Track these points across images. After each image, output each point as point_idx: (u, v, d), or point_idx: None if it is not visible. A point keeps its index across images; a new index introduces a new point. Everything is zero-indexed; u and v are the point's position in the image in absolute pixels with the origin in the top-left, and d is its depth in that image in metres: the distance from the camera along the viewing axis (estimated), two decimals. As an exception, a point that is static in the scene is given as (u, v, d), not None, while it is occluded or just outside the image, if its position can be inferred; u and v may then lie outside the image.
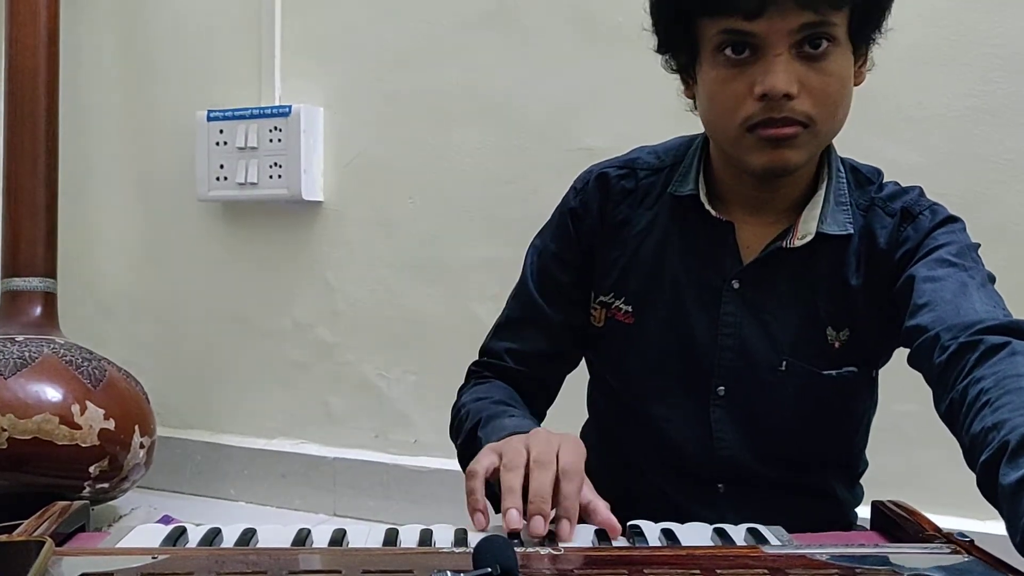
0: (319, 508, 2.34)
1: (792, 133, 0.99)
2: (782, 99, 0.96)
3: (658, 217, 1.14)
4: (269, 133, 2.35)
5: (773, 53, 0.96)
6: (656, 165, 1.16)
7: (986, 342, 0.87)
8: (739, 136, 1.01)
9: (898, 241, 1.06)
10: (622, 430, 1.19)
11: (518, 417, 1.06)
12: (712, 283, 1.10)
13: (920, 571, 0.74)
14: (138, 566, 0.75)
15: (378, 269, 2.34)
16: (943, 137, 1.80)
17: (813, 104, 0.98)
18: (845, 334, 1.09)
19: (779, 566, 0.75)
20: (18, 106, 2.28)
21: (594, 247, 1.17)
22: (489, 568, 0.69)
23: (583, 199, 1.17)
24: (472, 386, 1.19)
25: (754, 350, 1.09)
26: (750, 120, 0.99)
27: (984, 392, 0.82)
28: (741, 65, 0.98)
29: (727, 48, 0.98)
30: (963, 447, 0.84)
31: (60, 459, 1.98)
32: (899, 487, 1.22)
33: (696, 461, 1.12)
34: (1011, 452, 0.74)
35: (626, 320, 1.14)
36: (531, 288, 1.20)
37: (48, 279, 2.28)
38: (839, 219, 1.07)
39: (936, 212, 1.07)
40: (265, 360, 2.48)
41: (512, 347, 1.20)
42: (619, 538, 0.87)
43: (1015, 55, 1.75)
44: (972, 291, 0.97)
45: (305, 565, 0.78)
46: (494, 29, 2.17)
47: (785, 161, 1.00)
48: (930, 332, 0.94)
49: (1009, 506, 0.72)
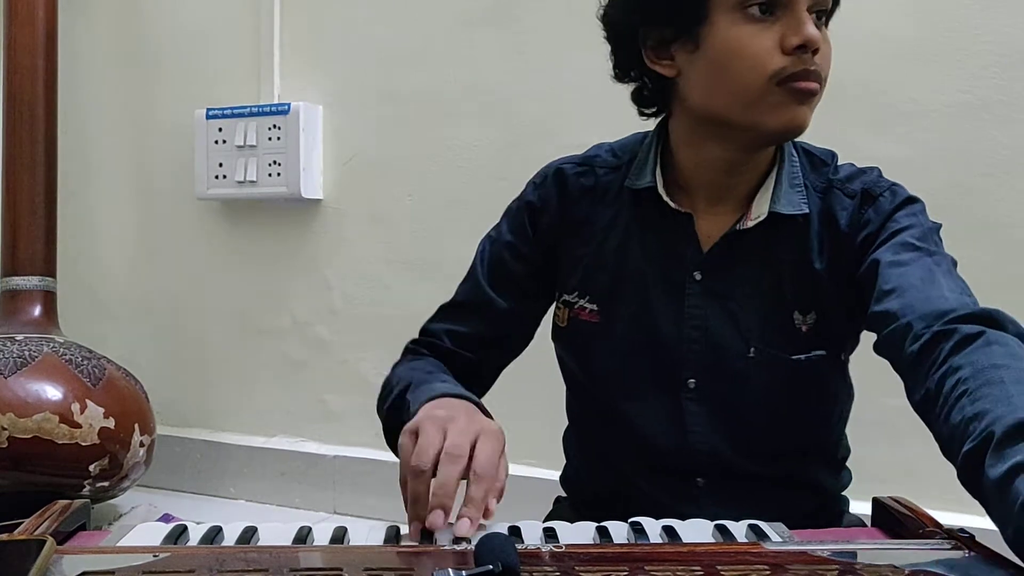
0: (319, 506, 2.34)
1: (816, 88, 1.01)
2: (811, 53, 0.99)
3: (619, 214, 1.14)
4: (268, 131, 2.35)
5: (801, 8, 0.99)
6: (614, 163, 1.16)
7: (960, 331, 0.86)
8: (764, 92, 1.00)
9: (859, 223, 1.06)
10: (599, 431, 1.19)
11: (450, 383, 1.04)
12: (675, 276, 1.10)
13: (921, 567, 0.74)
14: (139, 564, 0.75)
15: (377, 267, 2.34)
16: (934, 132, 1.81)
17: (824, 65, 1.02)
18: (812, 317, 1.08)
19: (780, 562, 0.75)
20: (17, 105, 2.28)
21: (555, 245, 1.16)
22: (491, 565, 0.69)
23: (541, 194, 1.17)
24: (407, 361, 1.18)
25: (721, 340, 1.09)
26: (782, 73, 0.99)
27: (962, 382, 0.82)
28: (763, 21, 1.00)
29: (751, 7, 0.99)
30: (940, 437, 0.84)
31: (60, 458, 1.98)
32: (895, 481, 1.22)
33: (672, 456, 1.12)
34: (996, 444, 0.73)
35: (591, 319, 1.14)
36: (479, 274, 1.20)
37: (47, 278, 2.28)
38: (793, 200, 1.07)
39: (896, 193, 1.07)
40: (264, 358, 2.48)
41: (452, 328, 1.19)
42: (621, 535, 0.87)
43: (1006, 50, 1.76)
44: (939, 277, 0.96)
45: (306, 563, 0.78)
46: (492, 27, 2.17)
47: (803, 120, 1.02)
48: (901, 320, 0.93)
49: (997, 500, 0.71)
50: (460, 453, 0.87)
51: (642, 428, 1.12)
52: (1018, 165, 1.77)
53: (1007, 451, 0.72)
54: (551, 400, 1.26)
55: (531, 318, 1.22)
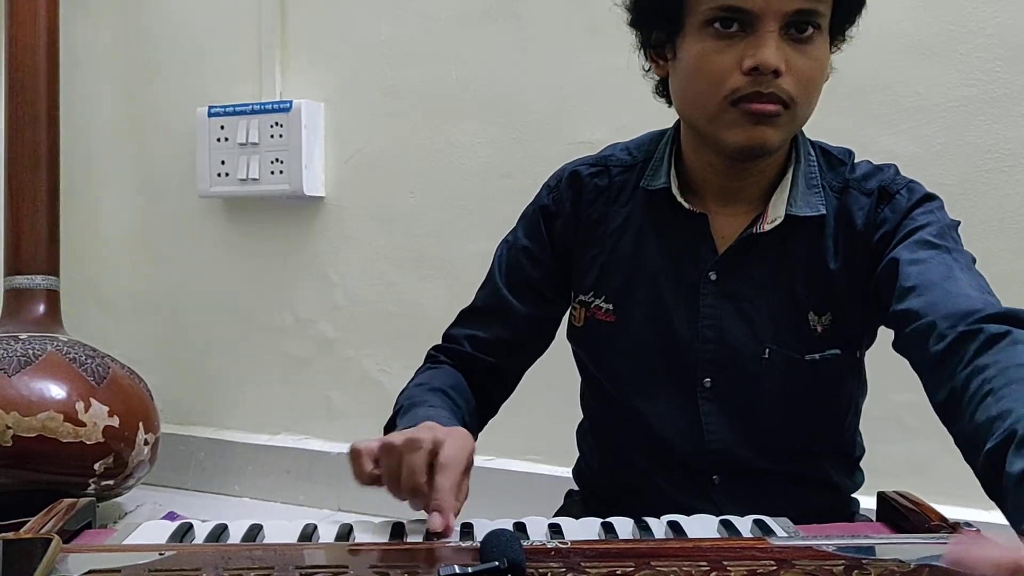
0: (323, 503, 2.34)
1: (774, 111, 0.99)
2: (770, 75, 0.97)
3: (633, 213, 1.14)
4: (270, 129, 2.34)
5: (765, 29, 0.97)
6: (629, 162, 1.16)
7: (987, 331, 0.86)
8: (720, 111, 1.01)
9: (876, 222, 1.05)
10: (614, 428, 1.19)
11: (437, 408, 1.05)
12: (690, 276, 1.10)
13: (927, 561, 0.74)
14: (146, 562, 0.75)
15: (379, 264, 2.34)
16: (941, 127, 1.80)
17: (795, 85, 0.99)
18: (827, 318, 1.08)
19: (785, 557, 0.75)
20: (19, 105, 2.28)
21: (571, 247, 1.17)
22: (496, 562, 0.69)
23: (556, 197, 1.18)
24: (423, 371, 1.18)
25: (736, 340, 1.09)
26: (736, 93, 0.99)
27: (987, 382, 0.82)
28: (729, 39, 0.99)
29: (716, 22, 0.99)
30: (962, 435, 0.84)
31: (65, 456, 1.99)
32: (903, 477, 1.22)
33: (688, 454, 1.12)
34: (1019, 441, 0.73)
35: (607, 319, 1.14)
36: (498, 280, 1.20)
37: (51, 277, 2.28)
38: (811, 201, 1.07)
39: (913, 191, 1.06)
40: (267, 356, 2.48)
41: (473, 334, 1.20)
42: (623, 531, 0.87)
43: (1013, 45, 1.75)
44: (959, 274, 0.96)
45: (312, 561, 0.78)
46: (493, 24, 2.17)
47: (763, 140, 1.01)
48: (924, 319, 0.92)
49: (1015, 493, 0.71)
50: (420, 442, 0.90)
51: (658, 427, 1.13)
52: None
53: None
54: (559, 398, 1.26)
55: (550, 321, 1.22)
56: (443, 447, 0.90)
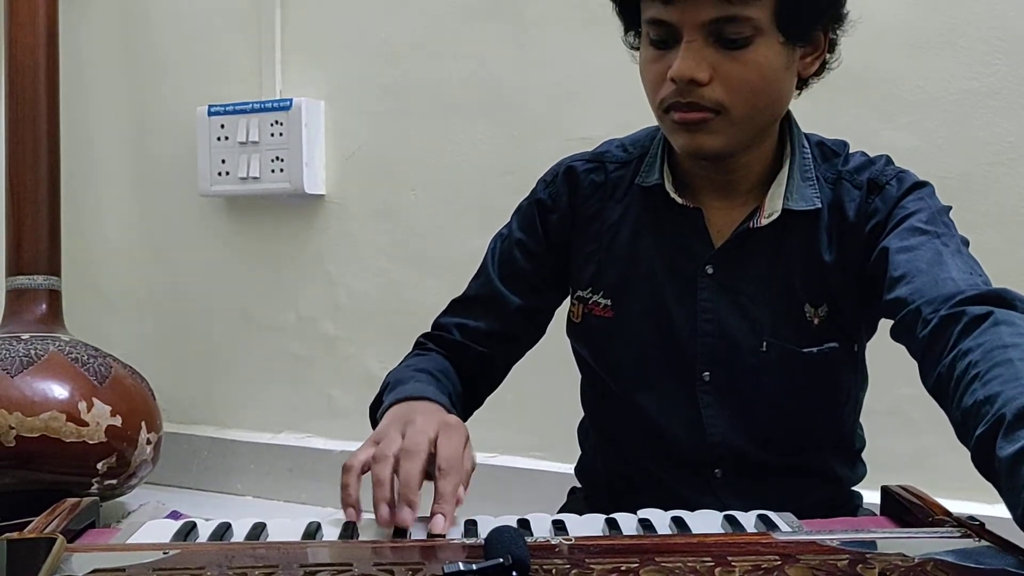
0: (326, 502, 2.34)
1: (699, 119, 1.00)
2: (690, 85, 0.98)
3: (629, 209, 1.14)
4: (270, 127, 2.34)
5: (685, 40, 0.98)
6: (624, 158, 1.17)
7: (968, 313, 0.86)
8: (660, 117, 1.05)
9: (867, 213, 1.06)
10: (615, 423, 1.19)
11: (423, 383, 1.05)
12: (687, 271, 1.10)
13: (931, 555, 0.74)
14: (150, 561, 0.75)
15: (380, 262, 2.34)
16: (942, 120, 1.80)
17: (726, 92, 0.99)
18: (823, 310, 1.08)
19: (790, 552, 0.75)
20: (19, 104, 2.28)
21: (567, 243, 1.17)
22: (500, 559, 0.69)
23: (552, 191, 1.18)
24: (411, 356, 1.19)
25: (734, 334, 1.09)
26: (665, 103, 1.01)
27: (972, 365, 0.82)
28: (663, 48, 1.01)
29: (651, 33, 1.02)
30: (954, 422, 0.84)
31: (68, 456, 1.99)
32: (906, 471, 1.22)
33: (689, 448, 1.12)
34: (1007, 426, 0.73)
35: (605, 314, 1.14)
36: (491, 271, 1.20)
37: (52, 277, 2.28)
38: (806, 194, 1.07)
39: (903, 180, 1.06)
40: (269, 354, 2.48)
41: (463, 322, 1.20)
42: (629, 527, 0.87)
43: (1014, 37, 1.75)
44: (947, 259, 0.96)
45: (316, 559, 0.78)
46: (493, 20, 2.17)
47: (700, 145, 1.02)
48: (911, 305, 0.93)
49: (1007, 479, 0.71)
50: (418, 450, 0.89)
51: (658, 421, 1.13)
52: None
53: (1018, 432, 0.72)
54: (563, 395, 1.26)
55: (542, 314, 1.23)
56: (441, 448, 0.90)
